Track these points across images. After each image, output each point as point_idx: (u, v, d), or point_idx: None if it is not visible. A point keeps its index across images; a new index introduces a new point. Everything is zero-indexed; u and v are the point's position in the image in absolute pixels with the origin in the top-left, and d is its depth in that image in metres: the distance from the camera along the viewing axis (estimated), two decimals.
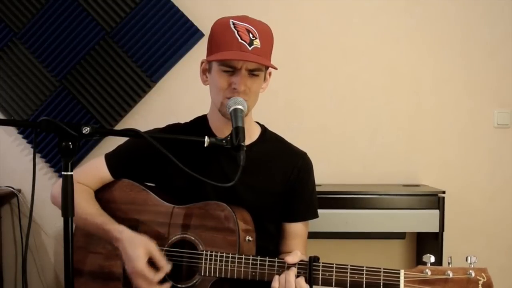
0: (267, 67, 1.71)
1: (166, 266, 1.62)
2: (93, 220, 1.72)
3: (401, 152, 2.92)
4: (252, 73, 1.64)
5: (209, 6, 2.89)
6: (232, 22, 1.63)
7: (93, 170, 1.83)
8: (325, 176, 2.63)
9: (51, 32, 2.93)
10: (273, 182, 1.77)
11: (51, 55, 2.94)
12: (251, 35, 1.61)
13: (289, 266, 1.55)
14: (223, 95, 1.65)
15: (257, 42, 1.61)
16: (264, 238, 1.74)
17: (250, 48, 1.60)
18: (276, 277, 1.54)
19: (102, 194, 1.80)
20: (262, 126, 1.85)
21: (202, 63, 1.75)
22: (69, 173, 1.32)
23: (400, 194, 2.59)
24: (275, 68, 1.67)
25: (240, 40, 1.60)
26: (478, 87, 2.90)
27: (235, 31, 1.61)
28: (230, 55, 1.60)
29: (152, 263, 1.61)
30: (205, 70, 1.73)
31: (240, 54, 1.59)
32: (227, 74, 1.64)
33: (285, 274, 1.53)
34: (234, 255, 1.59)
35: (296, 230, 1.82)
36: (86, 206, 1.74)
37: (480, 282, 1.39)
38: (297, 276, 1.52)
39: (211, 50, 1.67)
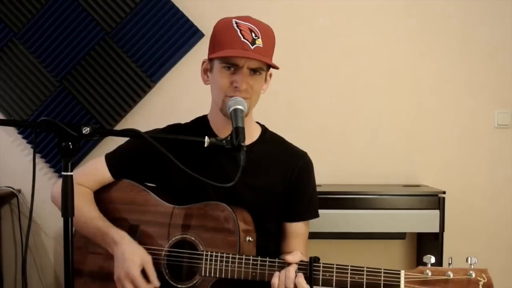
0: (268, 68, 1.71)
1: (156, 282, 1.62)
2: (92, 223, 1.71)
3: (401, 152, 2.92)
4: (253, 72, 1.64)
5: (209, 6, 2.89)
6: (235, 21, 1.64)
7: (93, 170, 1.83)
8: (325, 176, 2.62)
9: (51, 32, 2.92)
10: (274, 182, 1.77)
11: (51, 55, 2.93)
12: (253, 35, 1.62)
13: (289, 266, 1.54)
14: (224, 93, 1.65)
15: (259, 42, 1.62)
16: (265, 238, 1.74)
17: (252, 47, 1.60)
18: (276, 273, 1.55)
19: (102, 195, 1.80)
20: (263, 126, 1.86)
21: (203, 62, 1.75)
22: (69, 173, 1.32)
23: (400, 195, 2.59)
24: (277, 68, 1.68)
25: (242, 39, 1.60)
26: (478, 87, 2.90)
27: (238, 30, 1.62)
28: (233, 53, 1.61)
29: (144, 277, 1.61)
30: (207, 70, 1.74)
31: (243, 52, 1.60)
32: (228, 73, 1.64)
33: (285, 270, 1.53)
34: (234, 256, 1.59)
35: (297, 230, 1.82)
36: (86, 210, 1.73)
37: (481, 283, 1.40)
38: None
39: (213, 48, 1.67)
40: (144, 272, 1.62)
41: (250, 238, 1.64)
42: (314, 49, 2.92)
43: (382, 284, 1.46)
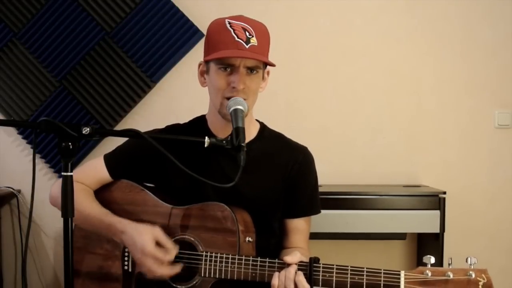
0: (265, 66, 1.70)
1: (174, 248, 1.61)
2: (95, 216, 1.71)
3: (401, 152, 2.92)
4: (250, 71, 1.63)
5: (209, 6, 2.88)
6: (228, 21, 1.63)
7: (92, 170, 1.82)
8: (325, 176, 2.60)
9: (51, 32, 2.92)
10: (274, 178, 1.76)
11: (51, 55, 2.93)
12: (247, 34, 1.61)
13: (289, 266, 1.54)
14: (222, 95, 1.64)
15: (254, 40, 1.61)
16: (267, 236, 1.74)
17: (247, 46, 1.59)
18: (276, 273, 1.53)
19: (101, 195, 1.80)
20: (261, 124, 1.84)
21: (199, 65, 1.74)
22: (69, 173, 1.31)
23: (400, 195, 2.59)
24: (273, 65, 1.66)
25: (236, 38, 1.60)
26: (479, 87, 2.90)
27: (231, 30, 1.61)
28: (228, 53, 1.60)
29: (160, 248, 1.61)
30: (203, 72, 1.73)
31: (238, 52, 1.59)
32: (225, 74, 1.63)
33: (285, 271, 1.52)
34: (234, 256, 1.58)
35: (298, 226, 1.81)
36: (87, 203, 1.73)
37: (481, 283, 1.39)
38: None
39: (208, 50, 1.66)
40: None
41: (250, 239, 1.64)
42: (314, 49, 2.92)
43: (382, 285, 1.46)
